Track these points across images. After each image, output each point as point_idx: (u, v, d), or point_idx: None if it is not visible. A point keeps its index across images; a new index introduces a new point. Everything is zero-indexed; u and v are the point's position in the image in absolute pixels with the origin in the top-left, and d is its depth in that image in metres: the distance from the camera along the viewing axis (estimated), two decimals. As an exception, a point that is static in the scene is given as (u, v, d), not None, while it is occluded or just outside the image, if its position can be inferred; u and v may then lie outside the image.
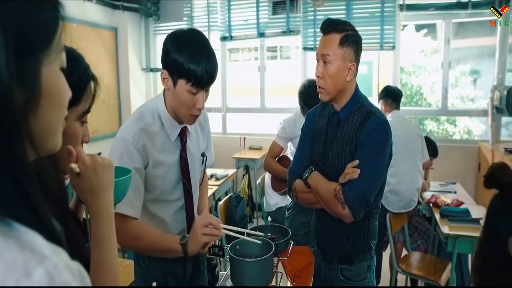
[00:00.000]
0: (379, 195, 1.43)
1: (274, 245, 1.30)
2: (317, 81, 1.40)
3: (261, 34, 4.55)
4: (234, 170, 4.02)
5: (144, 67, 4.96)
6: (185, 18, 4.76)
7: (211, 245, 1.38)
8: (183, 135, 1.32)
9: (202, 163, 1.44)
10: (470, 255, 2.69)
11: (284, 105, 4.91)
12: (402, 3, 4.09)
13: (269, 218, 3.11)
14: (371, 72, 6.96)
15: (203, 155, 1.43)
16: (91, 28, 4.16)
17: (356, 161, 1.33)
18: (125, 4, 4.50)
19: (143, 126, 1.24)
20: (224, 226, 1.24)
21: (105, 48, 4.43)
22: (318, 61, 1.40)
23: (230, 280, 1.30)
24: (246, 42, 5.11)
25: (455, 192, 3.12)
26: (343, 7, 4.22)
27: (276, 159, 2.56)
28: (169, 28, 4.89)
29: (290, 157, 2.50)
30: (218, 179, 3.51)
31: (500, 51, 4.03)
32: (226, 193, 3.63)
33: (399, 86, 4.03)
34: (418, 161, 2.78)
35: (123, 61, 4.65)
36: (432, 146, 3.04)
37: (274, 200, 3.03)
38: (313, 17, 4.32)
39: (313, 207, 1.53)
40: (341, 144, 1.40)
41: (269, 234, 1.54)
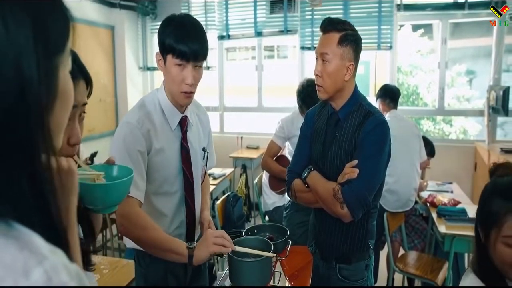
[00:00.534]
0: (378, 195, 1.43)
1: (273, 245, 1.30)
2: (316, 80, 1.40)
3: (259, 33, 4.54)
4: (232, 170, 4.02)
5: (141, 66, 4.94)
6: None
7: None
8: (184, 124, 1.34)
9: (203, 158, 1.44)
10: (467, 255, 2.72)
11: (282, 105, 4.92)
12: (400, 3, 4.11)
13: (267, 218, 3.11)
14: (368, 72, 6.97)
15: (204, 150, 1.44)
16: (88, 27, 4.14)
17: (355, 161, 1.33)
18: (122, 3, 4.48)
19: (146, 112, 1.28)
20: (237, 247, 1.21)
21: (102, 47, 4.40)
22: (317, 60, 1.40)
23: (229, 280, 1.30)
24: (244, 41, 5.10)
25: (452, 192, 3.14)
26: (341, 7, 4.22)
27: (274, 159, 2.55)
28: (166, 27, 4.87)
29: (288, 157, 2.50)
30: (216, 179, 3.51)
31: (496, 52, 4.06)
32: (224, 193, 3.62)
33: (396, 86, 4.04)
34: (416, 161, 2.79)
35: (120, 60, 4.63)
36: (430, 146, 3.05)
37: (272, 200, 3.03)
38: (311, 17, 4.32)
39: (312, 207, 1.53)
40: (340, 144, 1.40)
41: (268, 234, 1.54)
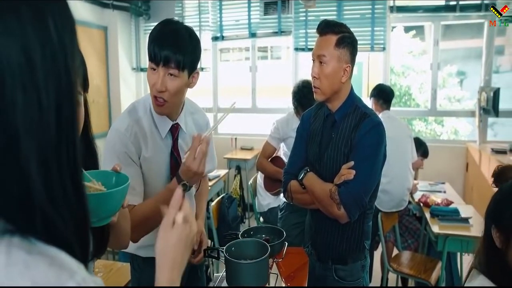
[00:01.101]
0: (373, 196, 1.44)
1: (269, 247, 1.30)
2: (313, 81, 1.41)
3: (253, 35, 4.54)
4: (226, 171, 4.01)
5: (134, 67, 4.90)
6: (176, 18, 4.69)
7: (206, 247, 1.37)
8: (175, 131, 1.30)
9: None
10: (459, 254, 2.75)
11: (275, 105, 4.93)
12: (392, 5, 4.15)
13: (261, 219, 3.11)
14: (361, 73, 7.02)
15: None
16: (80, 27, 4.06)
17: (351, 163, 1.35)
18: (115, 3, 4.44)
19: (136, 118, 1.25)
20: None
21: (95, 48, 4.37)
22: (314, 62, 1.40)
23: (226, 282, 1.30)
24: (237, 42, 5.10)
25: (445, 192, 3.17)
26: (334, 8, 4.24)
27: (269, 160, 2.56)
28: (160, 28, 4.85)
29: (283, 158, 2.51)
30: (210, 180, 3.50)
31: (487, 53, 4.12)
32: (218, 194, 3.62)
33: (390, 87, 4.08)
34: (409, 161, 2.82)
35: (113, 61, 4.60)
36: (423, 147, 3.08)
37: (266, 201, 3.03)
38: (305, 18, 4.33)
39: (308, 208, 1.53)
40: (336, 146, 1.41)
41: (264, 236, 1.54)
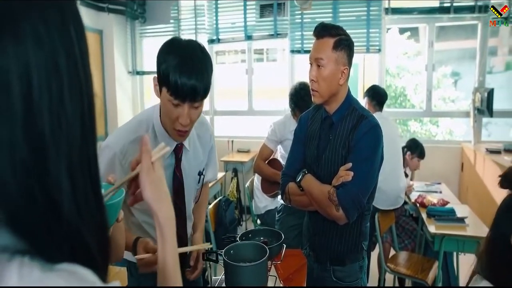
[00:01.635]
0: (371, 197, 1.46)
1: (268, 249, 1.31)
2: (311, 84, 1.42)
3: (249, 37, 4.56)
4: (223, 174, 4.02)
5: (130, 70, 4.90)
6: (172, 21, 4.73)
7: (205, 251, 1.37)
8: (179, 151, 1.23)
9: (199, 182, 1.35)
10: (455, 254, 2.77)
11: (272, 108, 4.94)
12: (387, 7, 4.18)
13: (258, 221, 3.11)
14: (357, 75, 7.06)
15: (200, 174, 1.34)
16: (76, 31, 4.08)
17: (349, 164, 1.36)
18: (111, 6, 4.44)
19: (135, 138, 1.14)
20: None
21: (90, 51, 4.27)
22: (312, 65, 1.41)
23: (225, 285, 1.30)
24: (233, 45, 5.11)
25: (441, 192, 3.20)
26: (330, 11, 4.27)
27: (266, 162, 2.56)
28: (156, 31, 4.86)
29: (280, 160, 2.52)
30: (207, 183, 3.50)
31: (481, 54, 4.16)
32: (215, 197, 3.62)
33: (384, 88, 4.11)
34: (401, 160, 2.87)
35: (109, 64, 4.59)
36: (420, 148, 3.11)
37: (263, 203, 3.04)
38: (300, 20, 4.36)
39: (306, 210, 1.54)
40: (334, 148, 1.42)
41: (262, 238, 1.55)
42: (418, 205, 2.84)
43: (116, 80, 4.63)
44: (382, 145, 1.42)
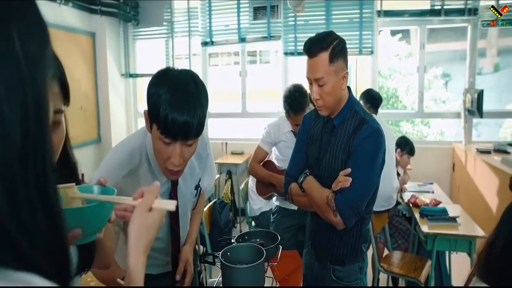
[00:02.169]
0: (372, 201, 1.45)
1: (265, 251, 1.32)
2: (316, 102, 1.39)
3: (242, 39, 4.57)
4: (217, 176, 4.02)
5: (123, 73, 4.88)
6: (165, 23, 4.73)
7: (202, 253, 1.38)
8: None
9: (196, 196, 1.34)
10: (448, 253, 2.82)
11: (266, 110, 4.95)
12: (380, 9, 4.23)
13: (253, 223, 3.12)
14: (350, 77, 7.11)
15: (197, 187, 1.32)
16: (67, 33, 4.06)
17: (349, 169, 1.35)
18: (103, 9, 4.41)
19: (128, 172, 1.08)
20: None
21: (83, 54, 4.33)
22: (312, 84, 1.38)
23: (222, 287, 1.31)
24: (226, 47, 5.12)
25: (433, 192, 3.24)
26: (323, 13, 4.31)
27: (261, 164, 2.57)
28: (149, 33, 4.85)
29: (275, 162, 2.53)
30: (202, 185, 3.50)
31: (471, 56, 4.23)
32: (210, 199, 3.62)
33: (377, 90, 4.16)
34: (394, 161, 2.91)
35: (102, 67, 4.56)
36: (409, 145, 3.16)
37: (258, 205, 3.05)
38: (294, 22, 4.39)
39: (309, 210, 1.56)
40: (335, 152, 1.41)
41: (258, 240, 1.56)
42: (411, 205, 2.87)
43: (109, 83, 4.61)
44: (384, 150, 1.40)
